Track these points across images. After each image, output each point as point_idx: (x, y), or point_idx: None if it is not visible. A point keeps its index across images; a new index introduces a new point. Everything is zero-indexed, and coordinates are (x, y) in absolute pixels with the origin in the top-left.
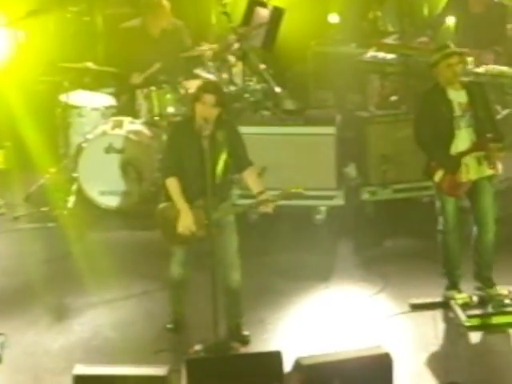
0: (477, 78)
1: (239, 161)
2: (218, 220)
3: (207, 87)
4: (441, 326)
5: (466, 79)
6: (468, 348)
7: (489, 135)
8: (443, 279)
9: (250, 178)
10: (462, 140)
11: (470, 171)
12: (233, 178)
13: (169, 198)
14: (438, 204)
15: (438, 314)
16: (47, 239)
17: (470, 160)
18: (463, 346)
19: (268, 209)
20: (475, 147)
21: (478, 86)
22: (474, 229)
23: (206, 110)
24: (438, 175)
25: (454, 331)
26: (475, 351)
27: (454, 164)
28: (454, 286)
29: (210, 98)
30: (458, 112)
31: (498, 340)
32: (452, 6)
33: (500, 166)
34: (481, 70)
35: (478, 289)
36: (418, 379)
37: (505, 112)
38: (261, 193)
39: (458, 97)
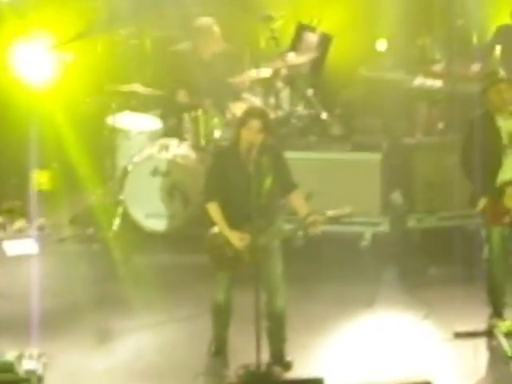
0: None
1: (285, 184)
2: (265, 244)
3: (253, 112)
4: (484, 355)
5: None
6: (511, 377)
7: None
8: (488, 307)
9: (296, 200)
10: (509, 168)
11: None
12: (279, 203)
13: (214, 222)
14: (483, 232)
15: (481, 342)
16: (92, 261)
17: None
18: (506, 376)
19: (317, 230)
20: None
21: None
22: None
23: (252, 135)
24: (482, 203)
25: (498, 360)
26: None
27: (497, 192)
28: (498, 314)
29: (255, 124)
30: (505, 140)
31: None
32: (500, 34)
33: None
34: None
35: None
36: None
37: None
38: (308, 215)
39: (506, 125)
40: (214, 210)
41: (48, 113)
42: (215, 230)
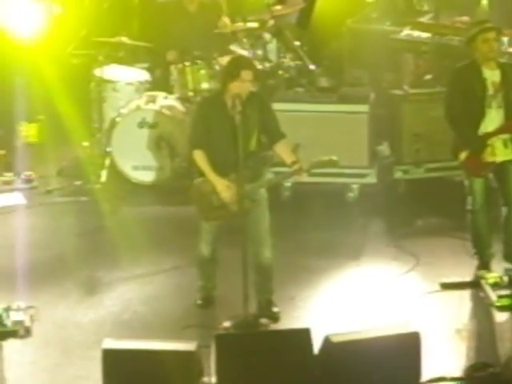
0: (511, 57)
1: (271, 133)
2: (252, 194)
3: (244, 64)
4: (471, 306)
5: (502, 60)
6: (497, 328)
7: None
8: (474, 259)
9: (282, 149)
10: (492, 120)
11: (496, 153)
12: (266, 153)
13: (202, 173)
14: (466, 183)
15: (468, 293)
16: (80, 213)
17: (496, 141)
18: (493, 326)
19: (302, 177)
20: (503, 129)
21: None
22: (503, 209)
23: (243, 86)
24: (464, 154)
25: (484, 311)
26: (505, 331)
27: (479, 144)
28: (484, 265)
29: (247, 74)
30: (490, 91)
31: None
32: None
33: None
34: None
35: (508, 270)
36: (446, 358)
37: None
38: (294, 163)
39: (492, 76)
40: (199, 156)
41: (35, 65)
42: (202, 178)
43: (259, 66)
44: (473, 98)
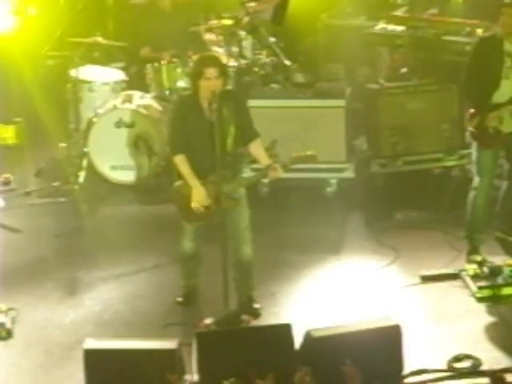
0: None
1: (246, 132)
2: (231, 193)
3: (207, 61)
4: (451, 298)
5: None
6: (478, 319)
7: None
8: (453, 251)
9: (256, 149)
10: (506, 92)
11: (503, 123)
12: (243, 152)
13: (181, 175)
14: (474, 155)
15: (448, 285)
16: (58, 214)
17: (504, 112)
18: (473, 318)
19: (278, 174)
20: None
21: None
22: (504, 183)
23: (211, 83)
24: (475, 121)
25: (464, 303)
26: (485, 323)
27: (488, 108)
28: (474, 250)
29: (212, 72)
30: (508, 63)
31: (509, 311)
32: None
33: None
34: None
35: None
36: (427, 351)
37: None
38: (269, 166)
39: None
40: (181, 162)
41: (11, 67)
42: (181, 181)
43: (234, 63)
44: (490, 68)
